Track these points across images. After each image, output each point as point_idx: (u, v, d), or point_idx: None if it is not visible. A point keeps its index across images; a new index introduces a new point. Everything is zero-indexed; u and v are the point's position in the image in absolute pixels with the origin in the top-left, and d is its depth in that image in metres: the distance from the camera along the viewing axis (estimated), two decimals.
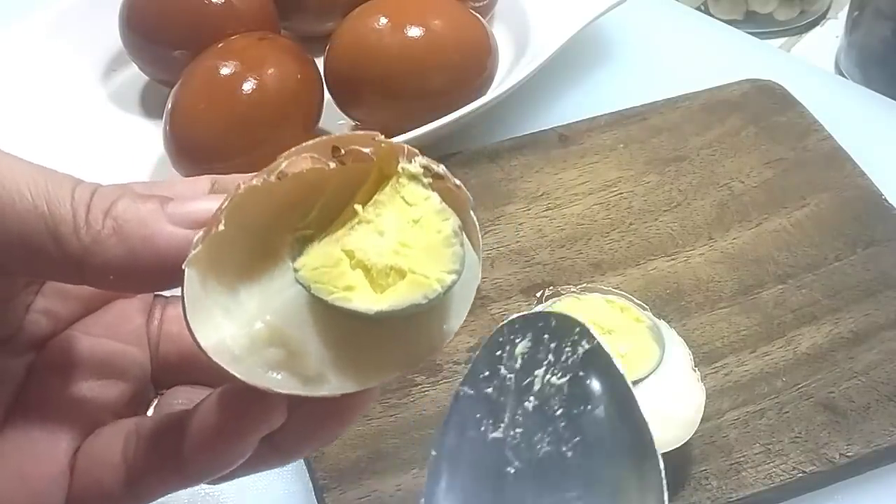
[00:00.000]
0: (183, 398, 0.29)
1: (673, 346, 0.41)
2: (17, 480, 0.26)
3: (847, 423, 0.41)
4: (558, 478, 0.28)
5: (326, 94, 0.56)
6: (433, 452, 0.25)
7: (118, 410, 0.29)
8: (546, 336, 0.31)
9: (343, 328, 0.25)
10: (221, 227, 0.24)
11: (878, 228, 0.49)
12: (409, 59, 0.53)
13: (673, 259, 0.48)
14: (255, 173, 0.24)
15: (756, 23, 0.68)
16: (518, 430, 0.30)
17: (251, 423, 0.25)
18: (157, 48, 0.58)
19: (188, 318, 0.24)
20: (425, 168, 0.25)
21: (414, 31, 0.53)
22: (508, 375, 0.31)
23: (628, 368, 0.39)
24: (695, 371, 0.40)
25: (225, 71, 0.52)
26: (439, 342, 0.25)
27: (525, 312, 0.32)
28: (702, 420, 0.38)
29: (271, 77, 0.52)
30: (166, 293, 0.31)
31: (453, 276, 0.24)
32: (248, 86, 0.52)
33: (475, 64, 0.56)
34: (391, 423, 0.42)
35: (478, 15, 0.57)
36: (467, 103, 0.53)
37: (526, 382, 0.31)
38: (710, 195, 0.51)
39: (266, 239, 0.25)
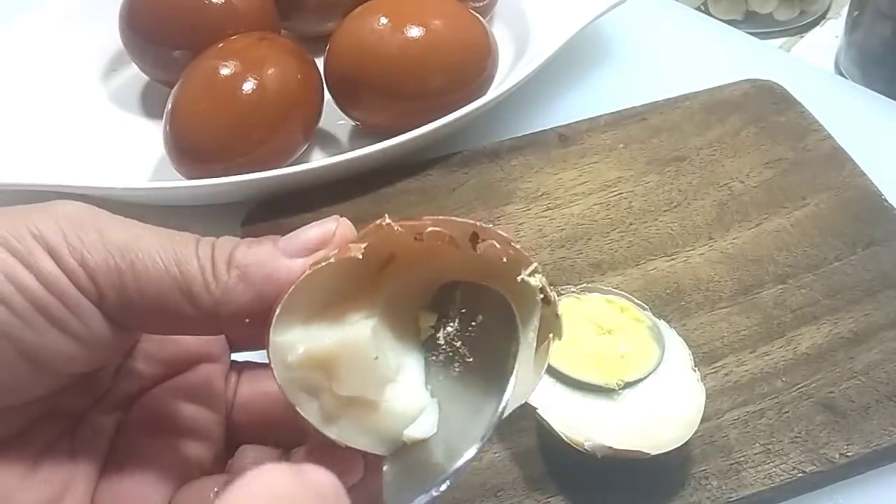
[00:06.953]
0: (251, 456, 0.30)
1: (673, 346, 0.41)
2: None
3: (847, 422, 0.41)
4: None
5: (326, 95, 0.56)
6: None
7: (204, 468, 0.30)
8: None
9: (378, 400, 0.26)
10: (360, 255, 0.25)
11: (877, 228, 0.49)
12: (409, 60, 0.53)
13: (673, 259, 0.48)
14: (400, 222, 0.26)
15: (756, 23, 0.68)
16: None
17: None
18: (157, 48, 0.58)
19: (278, 307, 0.25)
20: (542, 288, 0.26)
21: (414, 32, 0.53)
22: None
23: (628, 368, 0.39)
24: (695, 371, 0.40)
25: (225, 71, 0.52)
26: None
27: None
28: (702, 420, 0.38)
29: (271, 77, 0.52)
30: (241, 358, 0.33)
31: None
32: (248, 86, 0.52)
33: (475, 64, 0.56)
34: None
35: (478, 15, 0.57)
36: (467, 103, 0.53)
37: None
38: (709, 195, 0.51)
39: (363, 281, 0.27)
